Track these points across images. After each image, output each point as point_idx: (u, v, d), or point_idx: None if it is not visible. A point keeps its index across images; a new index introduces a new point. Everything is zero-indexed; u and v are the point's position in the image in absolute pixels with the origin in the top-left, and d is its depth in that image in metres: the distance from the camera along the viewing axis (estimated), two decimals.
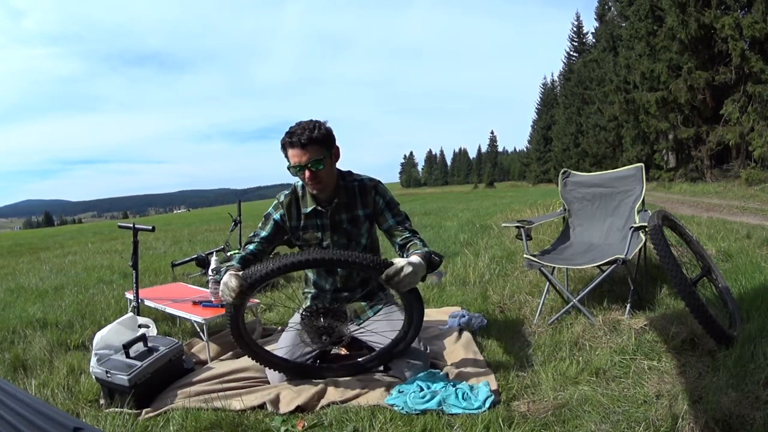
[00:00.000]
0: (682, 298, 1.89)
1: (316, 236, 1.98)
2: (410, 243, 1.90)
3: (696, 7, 13.90)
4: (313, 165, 1.82)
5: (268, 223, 1.98)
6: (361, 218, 1.98)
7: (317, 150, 1.82)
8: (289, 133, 1.84)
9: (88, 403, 1.85)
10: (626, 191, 2.93)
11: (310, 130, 1.82)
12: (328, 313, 1.85)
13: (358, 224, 1.99)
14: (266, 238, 1.96)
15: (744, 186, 12.27)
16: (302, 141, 1.80)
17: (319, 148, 1.83)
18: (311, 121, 1.86)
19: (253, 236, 1.97)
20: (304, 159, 1.81)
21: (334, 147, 1.90)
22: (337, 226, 1.97)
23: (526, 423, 1.55)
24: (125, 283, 4.11)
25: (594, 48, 30.10)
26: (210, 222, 14.42)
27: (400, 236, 1.94)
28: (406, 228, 1.96)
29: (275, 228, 1.98)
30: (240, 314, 1.78)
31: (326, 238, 1.98)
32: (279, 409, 1.72)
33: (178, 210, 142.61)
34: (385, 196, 1.98)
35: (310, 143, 1.81)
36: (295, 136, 1.81)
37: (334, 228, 1.97)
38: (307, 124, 1.85)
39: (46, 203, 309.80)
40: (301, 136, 1.80)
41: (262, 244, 1.95)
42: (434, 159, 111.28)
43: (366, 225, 2.00)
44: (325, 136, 1.85)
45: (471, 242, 5.30)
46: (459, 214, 9.85)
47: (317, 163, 1.83)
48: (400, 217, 1.98)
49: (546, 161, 38.24)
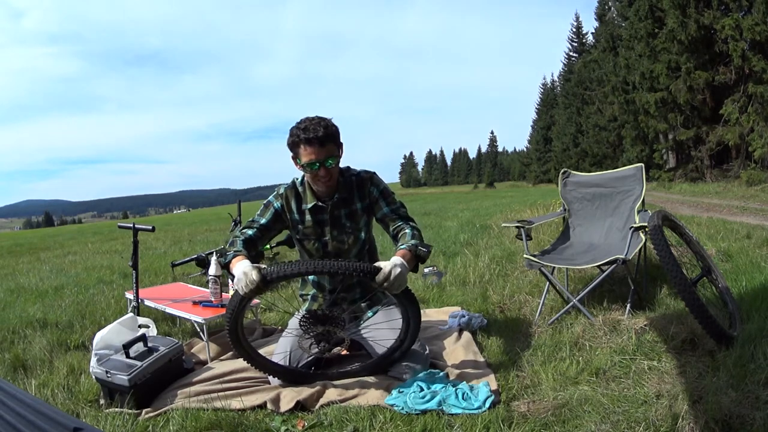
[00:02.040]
0: (682, 298, 1.89)
1: (317, 231, 1.98)
2: (401, 233, 1.88)
3: (696, 8, 13.90)
4: (328, 162, 1.82)
5: (268, 211, 1.97)
6: (359, 212, 1.98)
7: (331, 147, 1.82)
8: (302, 128, 1.80)
9: (88, 403, 1.85)
10: (626, 191, 2.93)
11: (325, 127, 1.79)
12: (326, 320, 1.83)
13: (356, 218, 1.98)
14: (265, 225, 1.95)
15: (744, 186, 12.27)
16: (319, 137, 1.77)
17: (333, 145, 1.84)
18: (321, 117, 1.84)
19: (252, 222, 1.96)
20: (321, 156, 1.80)
21: (341, 144, 1.91)
22: (336, 221, 1.97)
23: (526, 423, 1.55)
24: (125, 283, 4.11)
25: (594, 48, 30.11)
26: (210, 222, 14.42)
27: (393, 225, 1.93)
28: (400, 216, 1.94)
29: (274, 216, 1.96)
30: (240, 319, 1.77)
31: (326, 234, 1.98)
32: (279, 408, 1.72)
33: (178, 210, 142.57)
34: (379, 186, 1.99)
35: (327, 140, 1.80)
36: (311, 132, 1.77)
37: (334, 223, 1.97)
38: (319, 120, 1.82)
39: (46, 203, 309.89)
40: (318, 132, 1.77)
41: (261, 231, 1.93)
42: (434, 159, 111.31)
43: (364, 218, 2.00)
44: (337, 133, 1.86)
45: (471, 242, 5.30)
46: (459, 214, 9.86)
47: (332, 159, 1.83)
48: (394, 205, 1.97)
49: (546, 161, 38.26)
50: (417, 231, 1.89)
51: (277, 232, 2.02)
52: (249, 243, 1.87)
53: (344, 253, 2.01)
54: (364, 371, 1.96)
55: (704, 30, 13.86)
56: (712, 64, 14.51)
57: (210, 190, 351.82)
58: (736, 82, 13.82)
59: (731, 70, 13.70)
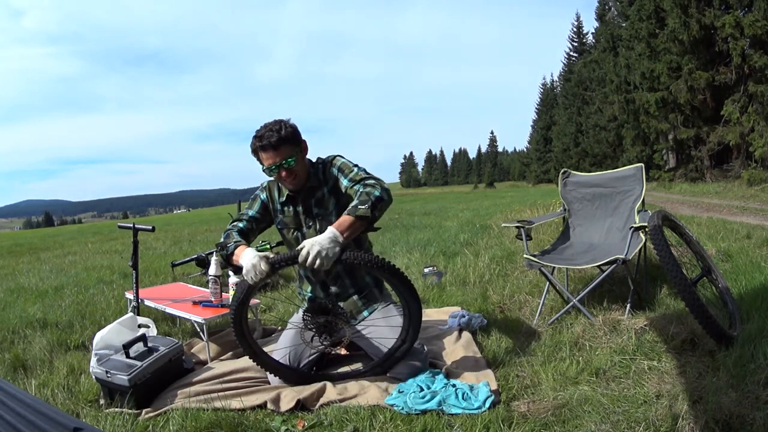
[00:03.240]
0: (682, 298, 1.89)
1: (296, 221, 2.05)
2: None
3: (697, 7, 13.90)
4: (285, 163, 1.89)
5: (256, 203, 2.09)
6: (325, 196, 2.01)
7: (287, 148, 1.89)
8: (258, 137, 1.91)
9: (88, 403, 1.85)
10: (626, 191, 2.93)
11: (278, 131, 1.88)
12: (329, 311, 1.87)
13: (324, 203, 2.02)
14: (254, 217, 2.06)
15: (744, 186, 12.27)
16: (272, 142, 1.87)
17: (289, 146, 1.90)
18: (276, 122, 1.93)
19: (242, 215, 2.07)
20: (277, 159, 1.89)
21: (302, 142, 1.97)
22: (309, 211, 2.03)
23: (526, 423, 1.55)
24: (125, 283, 4.11)
25: (594, 48, 30.11)
26: (210, 222, 14.42)
27: (355, 195, 1.85)
28: (356, 181, 1.89)
29: (262, 207, 2.07)
30: (245, 307, 1.80)
31: (302, 224, 2.04)
32: (280, 408, 1.72)
33: (177, 210, 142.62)
34: (337, 163, 2.00)
35: (281, 143, 1.88)
36: (264, 139, 1.88)
37: (307, 213, 2.04)
38: (273, 125, 1.91)
39: (46, 203, 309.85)
40: (271, 138, 1.88)
41: (251, 222, 2.04)
42: (434, 159, 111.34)
43: (332, 201, 2.01)
44: (293, 134, 1.92)
45: (471, 242, 5.30)
46: (459, 214, 9.86)
47: (290, 159, 1.90)
48: (351, 173, 1.93)
49: (546, 161, 38.25)
50: (366, 187, 1.80)
51: (266, 224, 2.10)
52: (242, 234, 1.98)
53: None
54: (365, 374, 1.96)
55: (705, 30, 13.86)
56: (713, 64, 14.51)
57: (210, 190, 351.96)
58: (736, 82, 13.82)
59: (731, 69, 13.70)
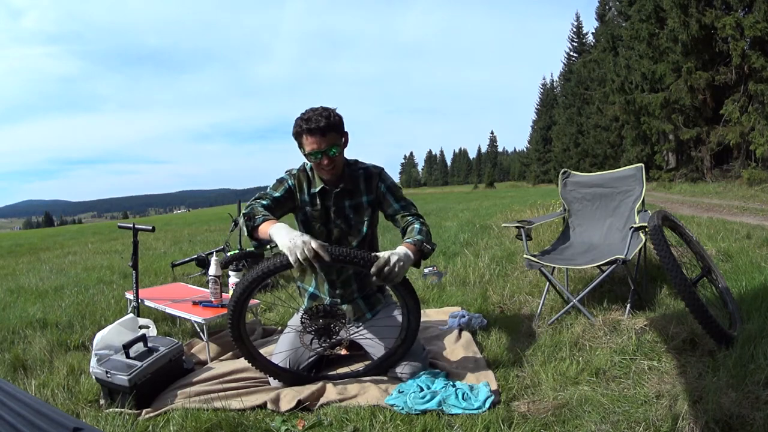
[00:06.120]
0: (682, 298, 1.89)
1: (324, 216, 1.99)
2: (409, 227, 1.91)
3: (698, 7, 13.90)
4: (330, 151, 1.84)
5: (282, 186, 1.96)
6: (364, 205, 1.99)
7: (333, 136, 1.84)
8: (305, 119, 1.83)
9: (88, 403, 1.85)
10: (626, 191, 2.93)
11: (327, 117, 1.82)
12: (327, 314, 1.85)
13: (361, 211, 1.99)
14: (278, 198, 1.93)
15: (744, 186, 12.28)
16: (321, 126, 1.81)
17: (335, 134, 1.85)
18: (324, 108, 1.87)
19: (265, 194, 1.94)
20: (323, 145, 1.83)
21: (346, 134, 1.93)
22: (340, 211, 1.98)
23: (526, 423, 1.55)
24: (125, 284, 4.11)
25: (594, 48, 30.11)
26: (210, 222, 14.42)
27: (403, 221, 1.96)
28: (410, 213, 1.98)
29: (288, 192, 1.96)
30: (242, 317, 1.77)
31: (331, 221, 1.99)
32: (280, 408, 1.72)
33: (177, 210, 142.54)
34: (387, 181, 2.00)
35: (329, 129, 1.82)
36: (312, 123, 1.81)
37: (338, 212, 1.98)
38: (321, 110, 1.85)
39: (46, 203, 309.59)
40: (319, 122, 1.81)
41: (273, 202, 1.91)
42: (434, 159, 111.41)
43: (368, 212, 2.00)
44: (340, 122, 1.88)
45: (471, 242, 5.29)
46: (459, 214, 9.85)
47: (335, 148, 1.85)
48: (404, 201, 2.00)
49: (546, 161, 38.29)
50: (425, 227, 1.91)
51: (285, 210, 1.98)
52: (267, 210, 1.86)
53: (345, 244, 2.01)
54: (364, 374, 1.95)
55: (705, 30, 13.85)
56: (713, 64, 14.51)
57: (210, 190, 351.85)
58: (736, 82, 13.82)
59: (731, 69, 13.69)
